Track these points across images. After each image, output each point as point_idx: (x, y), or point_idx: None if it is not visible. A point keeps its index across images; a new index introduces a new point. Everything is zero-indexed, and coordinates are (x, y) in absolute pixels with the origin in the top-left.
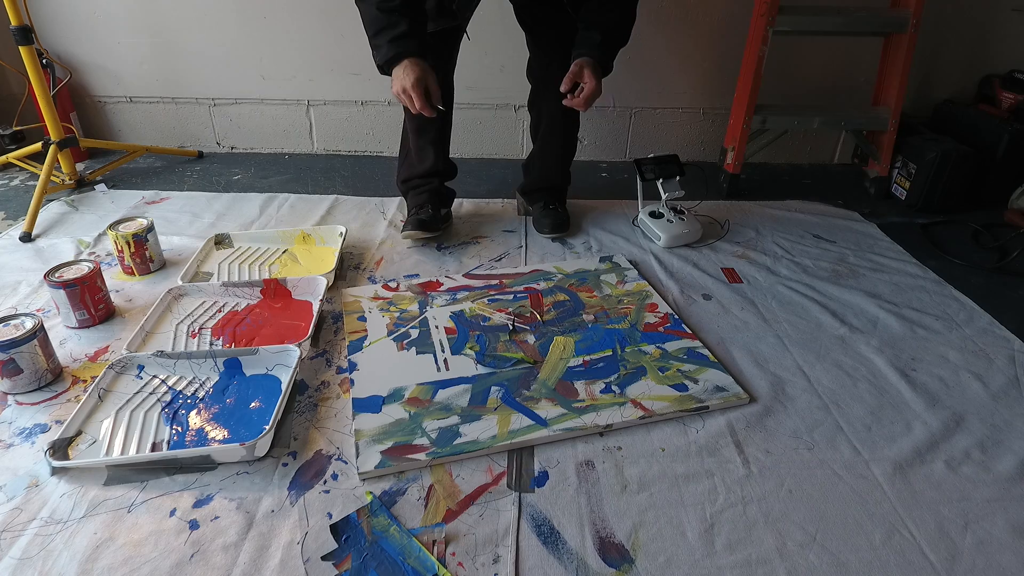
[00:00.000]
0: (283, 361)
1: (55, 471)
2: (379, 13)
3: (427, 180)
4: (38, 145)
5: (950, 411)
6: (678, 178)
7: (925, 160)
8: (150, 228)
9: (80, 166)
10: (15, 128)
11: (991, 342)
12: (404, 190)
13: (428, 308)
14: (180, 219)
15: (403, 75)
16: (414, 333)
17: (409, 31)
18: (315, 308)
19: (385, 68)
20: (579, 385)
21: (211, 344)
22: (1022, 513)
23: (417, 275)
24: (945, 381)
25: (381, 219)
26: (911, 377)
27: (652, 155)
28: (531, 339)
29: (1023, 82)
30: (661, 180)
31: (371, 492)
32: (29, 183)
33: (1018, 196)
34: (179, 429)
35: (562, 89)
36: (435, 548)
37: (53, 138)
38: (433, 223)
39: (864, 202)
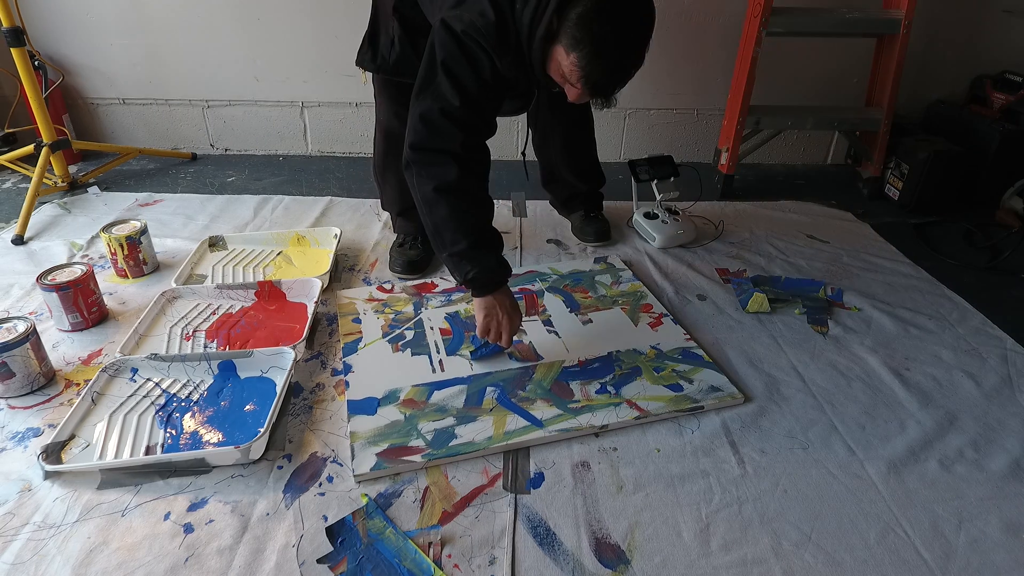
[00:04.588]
0: (278, 363)
1: (48, 475)
2: (477, 219)
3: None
4: (30, 147)
5: (943, 410)
6: (673, 179)
7: (918, 160)
8: (143, 230)
9: (73, 168)
10: (7, 130)
11: (984, 341)
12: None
13: (423, 309)
14: (174, 221)
15: (503, 307)
16: (409, 335)
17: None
18: (310, 310)
19: (476, 287)
20: (574, 386)
21: (205, 347)
22: (1015, 511)
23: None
24: (938, 380)
25: (376, 221)
26: (905, 376)
27: (647, 156)
28: (527, 339)
29: (1014, 83)
30: (656, 181)
31: (366, 494)
32: (21, 186)
33: (1010, 196)
34: (173, 432)
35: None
36: (431, 550)
37: (45, 140)
38: (423, 261)
39: (857, 202)
